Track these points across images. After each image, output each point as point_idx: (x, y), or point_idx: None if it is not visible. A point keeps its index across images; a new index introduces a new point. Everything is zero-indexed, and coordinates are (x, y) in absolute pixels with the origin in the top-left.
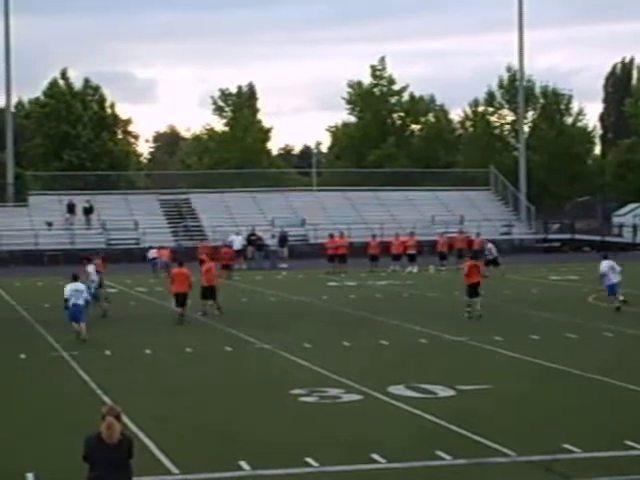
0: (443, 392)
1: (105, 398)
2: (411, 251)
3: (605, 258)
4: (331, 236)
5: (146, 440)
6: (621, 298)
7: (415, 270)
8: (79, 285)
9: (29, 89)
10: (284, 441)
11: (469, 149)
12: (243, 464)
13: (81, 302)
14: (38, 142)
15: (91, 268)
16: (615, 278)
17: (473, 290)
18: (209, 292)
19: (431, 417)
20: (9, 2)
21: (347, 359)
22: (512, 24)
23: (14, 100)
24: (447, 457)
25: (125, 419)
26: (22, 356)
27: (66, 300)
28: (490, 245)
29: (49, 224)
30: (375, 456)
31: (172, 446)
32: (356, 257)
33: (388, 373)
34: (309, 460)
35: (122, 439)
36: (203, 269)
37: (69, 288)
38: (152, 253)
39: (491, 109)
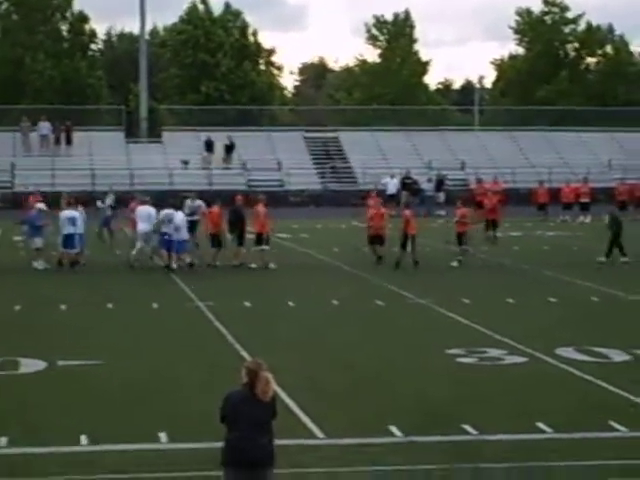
0: (618, 356)
1: (244, 353)
2: (584, 199)
3: None
4: (479, 181)
5: (288, 400)
6: None
7: (588, 221)
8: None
9: (165, 14)
10: (439, 405)
11: None
12: (394, 429)
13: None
14: (174, 72)
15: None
16: None
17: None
18: (377, 239)
19: (604, 383)
20: None
21: (510, 317)
22: None
23: (148, 27)
24: (622, 428)
25: None
26: (155, 305)
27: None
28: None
29: (185, 163)
30: (541, 425)
31: (317, 407)
32: (521, 205)
33: (556, 334)
34: (467, 427)
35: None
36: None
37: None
38: None
39: None
